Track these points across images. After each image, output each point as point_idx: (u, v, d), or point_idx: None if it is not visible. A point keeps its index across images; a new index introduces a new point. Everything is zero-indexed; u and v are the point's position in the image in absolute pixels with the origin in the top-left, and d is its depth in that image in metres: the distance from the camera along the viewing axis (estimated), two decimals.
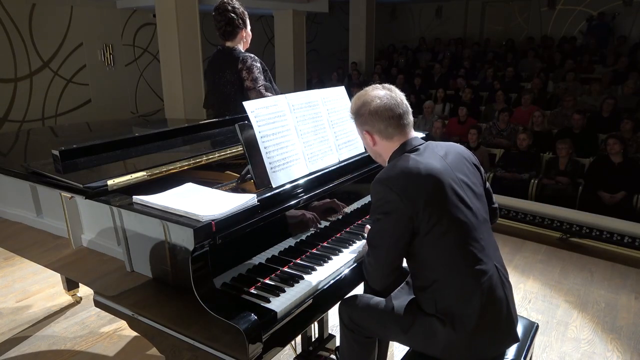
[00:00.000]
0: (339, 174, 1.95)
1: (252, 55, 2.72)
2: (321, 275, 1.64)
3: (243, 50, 2.80)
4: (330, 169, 1.93)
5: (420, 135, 1.76)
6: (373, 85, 1.69)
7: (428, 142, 1.67)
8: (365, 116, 1.63)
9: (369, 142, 1.69)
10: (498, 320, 1.57)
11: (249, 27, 2.80)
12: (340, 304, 1.78)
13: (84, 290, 3.23)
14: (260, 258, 1.65)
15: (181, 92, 6.44)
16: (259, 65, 2.70)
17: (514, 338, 1.63)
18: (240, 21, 2.72)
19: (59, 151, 1.83)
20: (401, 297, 1.71)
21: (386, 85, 1.69)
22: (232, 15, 2.69)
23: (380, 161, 1.75)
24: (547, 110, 6.65)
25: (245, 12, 2.77)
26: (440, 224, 1.50)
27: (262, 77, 2.69)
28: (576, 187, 4.88)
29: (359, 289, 1.85)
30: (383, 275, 1.61)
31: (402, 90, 1.70)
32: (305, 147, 1.89)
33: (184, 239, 1.34)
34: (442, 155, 1.60)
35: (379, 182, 1.55)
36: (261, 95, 2.58)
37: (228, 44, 2.77)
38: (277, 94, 2.60)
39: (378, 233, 1.57)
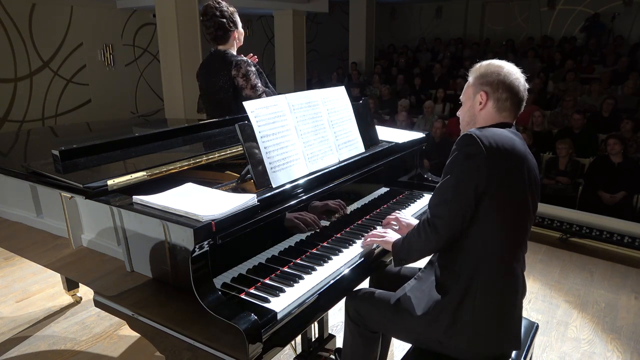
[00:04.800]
0: (339, 174, 1.95)
1: (246, 59, 2.63)
2: (321, 275, 1.64)
3: (236, 50, 2.73)
4: (330, 169, 1.93)
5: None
6: (506, 62, 1.67)
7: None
8: (494, 78, 1.60)
9: (477, 103, 1.64)
10: (507, 321, 1.59)
11: (240, 25, 2.70)
12: (346, 298, 1.79)
13: (84, 290, 3.23)
14: (260, 258, 1.65)
15: (181, 92, 6.44)
16: (254, 69, 2.61)
17: (516, 344, 1.63)
18: (231, 23, 2.62)
19: (59, 151, 1.82)
20: (407, 290, 1.71)
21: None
22: (222, 20, 2.59)
23: (467, 130, 1.64)
24: (547, 110, 6.65)
25: (235, 11, 2.66)
26: (503, 210, 1.50)
27: (260, 82, 2.61)
28: (576, 187, 4.88)
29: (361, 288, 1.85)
30: (438, 238, 1.55)
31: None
32: (305, 147, 1.88)
33: (184, 239, 1.34)
34: (528, 152, 1.60)
35: (472, 132, 1.51)
36: None
37: (220, 47, 2.68)
38: (274, 95, 2.57)
39: (448, 188, 1.52)
